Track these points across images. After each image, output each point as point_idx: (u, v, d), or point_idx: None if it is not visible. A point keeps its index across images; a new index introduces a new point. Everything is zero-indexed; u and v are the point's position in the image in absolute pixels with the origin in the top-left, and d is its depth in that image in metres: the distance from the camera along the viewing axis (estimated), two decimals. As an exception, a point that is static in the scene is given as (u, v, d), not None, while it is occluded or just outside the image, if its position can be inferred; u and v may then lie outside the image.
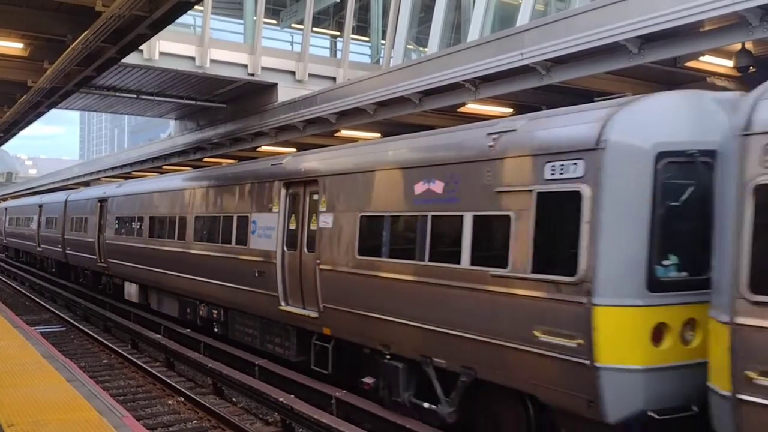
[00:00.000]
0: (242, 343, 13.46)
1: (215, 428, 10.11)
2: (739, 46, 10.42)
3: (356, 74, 22.75)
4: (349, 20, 24.52)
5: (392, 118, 16.93)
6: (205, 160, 28.05)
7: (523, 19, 18.18)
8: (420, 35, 24.40)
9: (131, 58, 17.69)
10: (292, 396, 10.27)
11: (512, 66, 12.58)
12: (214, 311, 14.47)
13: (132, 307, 19.65)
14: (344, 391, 10.16)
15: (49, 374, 8.99)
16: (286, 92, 22.26)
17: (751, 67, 10.64)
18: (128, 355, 14.81)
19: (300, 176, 11.48)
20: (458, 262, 7.94)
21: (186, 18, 19.79)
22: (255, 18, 23.02)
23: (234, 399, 11.73)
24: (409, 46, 24.03)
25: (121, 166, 37.48)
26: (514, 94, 13.75)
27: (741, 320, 5.37)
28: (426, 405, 8.72)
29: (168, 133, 38.19)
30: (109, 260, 21.04)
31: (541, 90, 13.28)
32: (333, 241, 10.32)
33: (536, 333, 6.96)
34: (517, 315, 7.22)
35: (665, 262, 6.52)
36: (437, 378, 8.53)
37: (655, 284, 6.44)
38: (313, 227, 10.87)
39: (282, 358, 10.95)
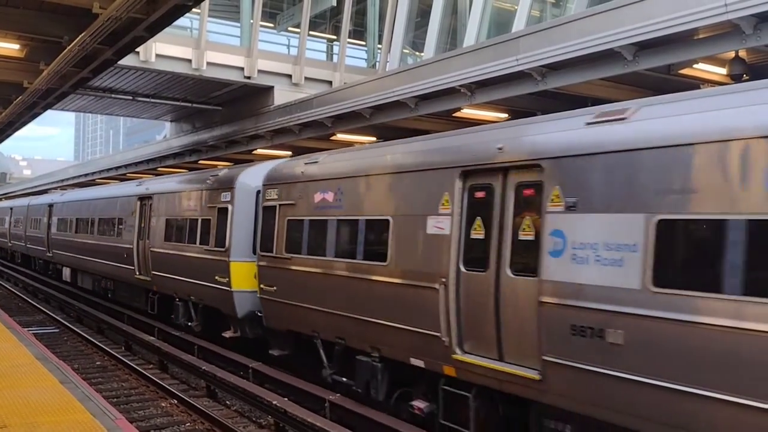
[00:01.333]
0: (123, 303, 20.24)
1: (208, 431, 10.11)
2: (732, 54, 10.52)
3: (352, 78, 22.85)
4: (346, 24, 24.61)
5: (388, 122, 17.00)
6: (201, 162, 28.07)
7: (518, 25, 18.26)
8: (416, 40, 24.49)
9: (128, 60, 17.74)
10: (286, 399, 10.30)
11: (507, 72, 12.66)
12: (108, 283, 21.36)
13: (125, 308, 19.70)
14: (338, 395, 10.19)
15: (42, 376, 8.99)
16: (282, 95, 22.34)
17: (744, 75, 10.74)
18: (122, 357, 14.79)
19: (145, 194, 18.23)
20: (195, 243, 14.88)
21: (183, 20, 19.82)
22: (252, 21, 23.09)
23: (227, 402, 11.73)
24: (405, 51, 24.11)
25: (116, 168, 37.48)
26: (510, 100, 13.83)
27: (260, 263, 12.06)
28: (189, 323, 15.54)
29: (163, 135, 38.23)
30: (54, 251, 27.49)
31: (536, 96, 13.36)
32: (157, 234, 17.05)
33: (216, 277, 13.77)
34: (210, 269, 14.10)
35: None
36: (193, 308, 15.46)
37: (255, 251, 12.64)
38: (147, 224, 17.73)
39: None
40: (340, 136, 19.57)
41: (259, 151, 23.65)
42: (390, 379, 9.30)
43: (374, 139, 18.65)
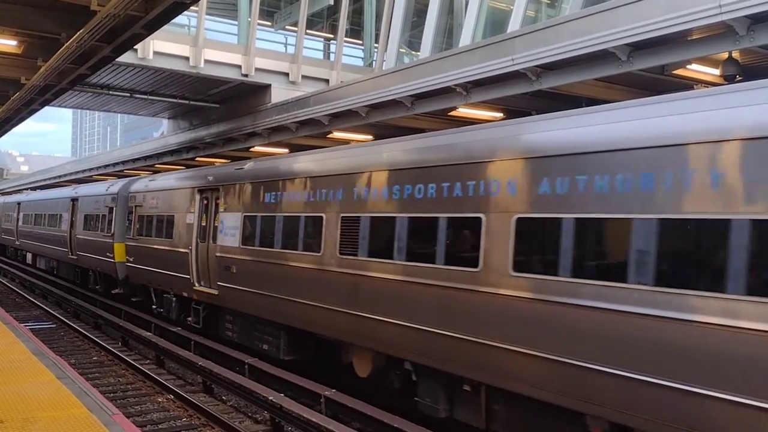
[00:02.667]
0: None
1: (204, 426, 10.18)
2: (726, 55, 10.58)
3: (349, 77, 22.87)
4: (343, 23, 24.64)
5: (384, 120, 17.04)
6: (198, 159, 28.09)
7: (514, 25, 18.31)
8: (412, 39, 24.51)
9: (125, 57, 17.76)
10: (282, 395, 10.37)
11: (503, 71, 12.69)
12: (53, 262, 29.43)
13: (120, 302, 19.75)
14: (333, 390, 10.27)
15: (39, 371, 9.03)
16: (279, 93, 22.35)
17: (737, 76, 10.80)
18: (118, 353, 14.85)
19: (75, 196, 25.08)
20: (97, 231, 21.53)
21: (180, 18, 19.77)
22: (249, 19, 23.10)
23: (223, 397, 11.80)
24: (401, 50, 24.14)
25: (114, 164, 37.45)
26: (505, 99, 13.87)
27: (127, 243, 19.44)
28: (96, 286, 22.65)
29: (161, 131, 38.15)
30: (21, 240, 34.99)
31: (531, 95, 13.42)
32: (78, 224, 23.93)
33: (107, 253, 20.40)
34: (104, 248, 20.67)
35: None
36: (99, 276, 22.44)
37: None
38: (75, 218, 24.74)
39: (271, 357, 12.78)
40: (337, 134, 19.61)
41: (257, 148, 23.68)
42: (179, 307, 16.46)
43: (371, 137, 18.71)
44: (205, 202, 14.87)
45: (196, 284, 14.86)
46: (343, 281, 10.02)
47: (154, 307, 17.88)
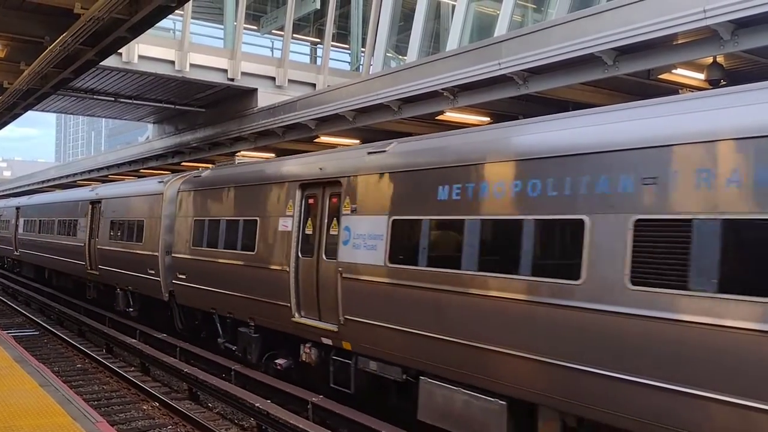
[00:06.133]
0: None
1: (190, 433, 10.08)
2: (710, 60, 10.66)
3: (336, 81, 22.85)
4: (330, 27, 24.62)
5: (371, 125, 17.02)
6: (184, 164, 27.93)
7: (500, 29, 18.38)
8: (399, 44, 24.55)
9: (110, 61, 17.64)
10: (268, 401, 10.28)
11: (490, 75, 12.71)
12: (7, 259, 35.79)
13: (104, 309, 19.58)
14: (321, 397, 10.19)
15: (21, 379, 8.92)
16: (265, 98, 22.28)
17: (722, 81, 10.88)
18: (103, 360, 14.69)
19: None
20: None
21: (166, 22, 19.72)
22: (235, 23, 23.02)
23: (209, 404, 11.69)
24: (388, 54, 24.17)
25: (98, 169, 37.17)
26: (492, 103, 13.90)
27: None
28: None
29: (146, 136, 37.95)
30: None
31: (518, 100, 13.45)
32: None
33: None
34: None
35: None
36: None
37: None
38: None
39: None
40: (324, 139, 19.57)
41: (243, 153, 23.57)
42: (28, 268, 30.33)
43: (358, 141, 18.68)
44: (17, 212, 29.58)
45: (15, 252, 29.42)
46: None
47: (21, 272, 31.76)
